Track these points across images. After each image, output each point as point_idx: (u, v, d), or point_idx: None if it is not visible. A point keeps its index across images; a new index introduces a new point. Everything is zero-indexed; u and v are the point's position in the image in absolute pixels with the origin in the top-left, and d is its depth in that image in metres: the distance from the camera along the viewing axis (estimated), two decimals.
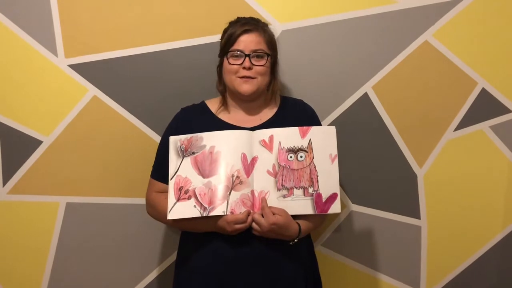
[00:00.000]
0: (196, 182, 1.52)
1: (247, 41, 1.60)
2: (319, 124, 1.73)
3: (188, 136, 1.57)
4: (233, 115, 1.68)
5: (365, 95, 1.95)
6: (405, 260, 2.02)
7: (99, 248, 1.95)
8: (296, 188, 1.53)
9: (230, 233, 1.50)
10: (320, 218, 1.62)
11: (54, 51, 1.87)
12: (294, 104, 1.74)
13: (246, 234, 1.50)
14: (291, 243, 1.54)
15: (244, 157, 1.53)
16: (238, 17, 1.69)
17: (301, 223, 1.55)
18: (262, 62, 1.61)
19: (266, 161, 1.54)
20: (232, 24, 1.67)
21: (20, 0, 1.85)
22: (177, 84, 1.91)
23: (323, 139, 1.55)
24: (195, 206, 1.50)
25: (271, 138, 1.55)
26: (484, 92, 1.96)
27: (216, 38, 1.73)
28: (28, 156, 1.90)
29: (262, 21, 1.69)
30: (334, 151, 1.55)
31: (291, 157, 1.54)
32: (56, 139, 1.90)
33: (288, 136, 1.55)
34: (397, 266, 2.02)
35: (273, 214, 1.48)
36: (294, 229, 1.52)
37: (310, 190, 1.52)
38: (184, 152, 1.56)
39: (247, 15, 1.71)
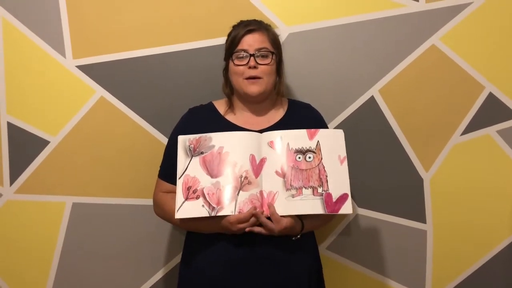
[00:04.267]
0: (205, 181, 1.52)
1: (251, 41, 1.61)
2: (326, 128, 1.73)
3: (197, 136, 1.58)
4: (240, 117, 1.68)
5: (372, 98, 1.95)
6: (411, 264, 2.01)
7: (105, 248, 1.95)
8: (305, 187, 1.52)
9: (236, 232, 1.50)
10: (327, 216, 1.61)
11: (62, 52, 1.88)
12: (302, 108, 1.75)
13: (250, 234, 1.50)
14: (293, 238, 1.55)
15: (252, 158, 1.53)
16: (240, 20, 1.70)
17: (303, 218, 1.56)
18: (267, 61, 1.61)
19: (275, 162, 1.54)
20: (235, 27, 1.68)
21: (28, 1, 1.86)
22: (184, 86, 1.91)
23: (331, 141, 1.56)
24: (203, 205, 1.50)
25: (279, 139, 1.56)
26: (491, 97, 1.96)
27: (224, 40, 1.73)
28: (35, 156, 1.90)
29: (265, 22, 1.70)
30: (343, 153, 1.56)
31: (299, 157, 1.54)
32: (63, 140, 1.91)
33: (296, 138, 1.56)
34: (403, 270, 2.01)
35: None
36: (298, 225, 1.54)
37: (320, 190, 1.52)
38: (193, 152, 1.56)
39: (253, 18, 1.72)
